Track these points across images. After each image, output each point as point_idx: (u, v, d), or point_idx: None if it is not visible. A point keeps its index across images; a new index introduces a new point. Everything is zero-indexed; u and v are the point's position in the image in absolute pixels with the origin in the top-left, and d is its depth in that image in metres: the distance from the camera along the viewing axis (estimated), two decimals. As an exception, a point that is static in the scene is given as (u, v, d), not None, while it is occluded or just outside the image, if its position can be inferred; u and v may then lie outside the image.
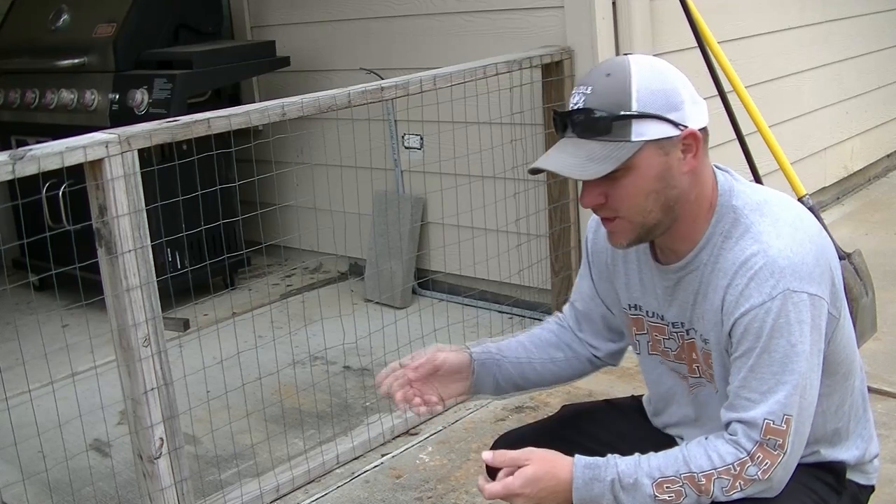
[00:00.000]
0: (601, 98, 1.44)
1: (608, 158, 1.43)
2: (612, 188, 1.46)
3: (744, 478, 1.45)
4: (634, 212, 1.48)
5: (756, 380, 1.45)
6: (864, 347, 3.18)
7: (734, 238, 1.49)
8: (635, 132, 1.43)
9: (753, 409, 1.45)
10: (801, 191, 3.31)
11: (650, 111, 1.44)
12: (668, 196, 1.48)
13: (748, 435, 1.45)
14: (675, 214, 1.50)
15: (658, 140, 1.44)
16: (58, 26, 4.18)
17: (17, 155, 1.98)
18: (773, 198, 1.54)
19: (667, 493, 1.46)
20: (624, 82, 1.45)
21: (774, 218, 1.50)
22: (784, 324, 1.43)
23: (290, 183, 4.16)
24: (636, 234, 1.51)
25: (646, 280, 1.62)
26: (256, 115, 2.45)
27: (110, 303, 2.21)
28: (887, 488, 2.44)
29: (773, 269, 1.44)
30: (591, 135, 1.44)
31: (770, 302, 1.43)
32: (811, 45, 4.39)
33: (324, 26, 4.14)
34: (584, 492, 1.48)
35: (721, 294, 1.49)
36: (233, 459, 2.81)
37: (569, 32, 3.31)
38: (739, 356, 1.47)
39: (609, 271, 1.70)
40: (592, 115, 1.43)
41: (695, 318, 1.55)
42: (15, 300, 4.21)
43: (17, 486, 2.66)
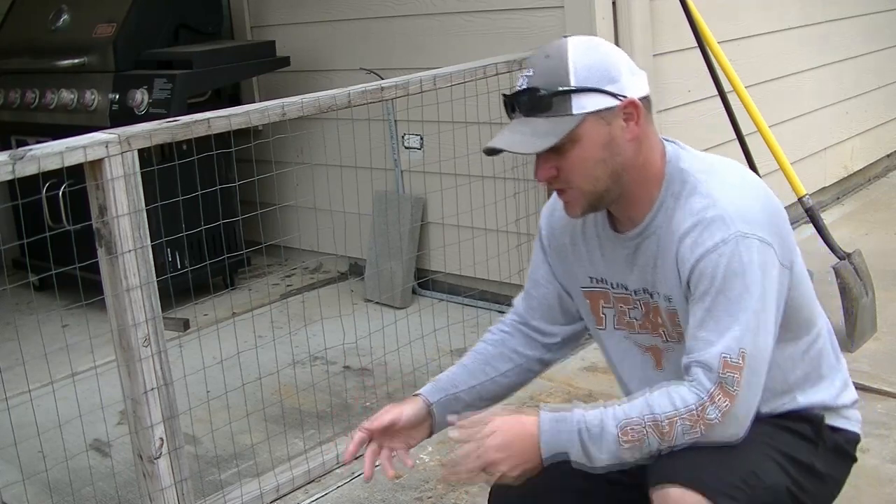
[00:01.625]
0: (542, 77, 1.54)
1: (552, 132, 1.52)
2: (562, 161, 1.55)
3: (705, 421, 1.49)
4: (584, 181, 1.57)
5: (712, 320, 1.51)
6: (864, 347, 3.19)
7: (684, 197, 1.57)
8: (576, 105, 1.52)
9: (710, 348, 1.50)
10: (801, 191, 3.31)
11: (588, 84, 1.53)
12: (615, 164, 1.56)
13: (707, 375, 1.50)
14: (624, 181, 1.58)
15: (599, 111, 1.53)
16: (58, 26, 4.18)
17: (17, 155, 1.98)
18: (718, 160, 1.64)
19: (631, 437, 1.51)
20: (562, 60, 1.54)
21: (721, 177, 1.59)
22: (738, 265, 1.50)
23: (290, 183, 4.16)
24: (588, 202, 1.59)
25: (607, 252, 1.69)
26: (256, 115, 2.45)
27: (110, 303, 2.21)
28: (887, 488, 2.44)
29: (723, 217, 1.51)
30: (535, 112, 1.54)
31: (723, 245, 1.50)
32: (811, 45, 4.39)
33: (324, 26, 4.14)
34: (553, 442, 1.53)
35: (676, 248, 1.55)
36: (233, 459, 2.81)
37: (569, 32, 3.30)
38: (696, 300, 1.53)
39: (569, 251, 1.75)
40: (535, 94, 1.53)
41: (657, 280, 1.61)
42: (15, 300, 4.21)
43: (17, 486, 2.66)
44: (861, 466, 2.51)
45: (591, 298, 1.74)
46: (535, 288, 1.83)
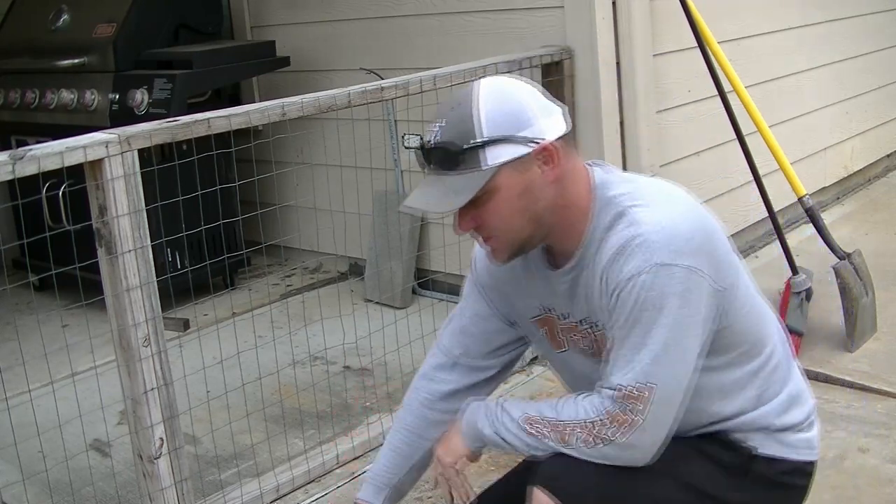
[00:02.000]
0: (451, 131, 1.51)
1: (465, 188, 1.50)
2: (480, 212, 1.53)
3: (601, 437, 1.51)
4: (505, 230, 1.55)
5: (624, 348, 1.51)
6: (864, 347, 3.19)
7: (613, 226, 1.54)
8: (489, 158, 1.49)
9: (616, 374, 1.51)
10: (801, 191, 3.31)
11: (499, 135, 1.49)
12: (536, 210, 1.54)
13: (609, 397, 1.51)
14: (548, 223, 1.56)
15: (513, 161, 1.50)
16: (58, 26, 4.17)
17: (17, 155, 1.98)
18: (648, 184, 1.61)
19: (535, 430, 1.56)
20: (470, 111, 1.50)
21: (648, 199, 1.55)
22: (653, 296, 1.47)
23: (290, 183, 4.16)
24: (512, 250, 1.58)
25: (548, 286, 1.67)
26: (256, 115, 2.45)
27: (110, 303, 2.21)
28: (887, 488, 2.44)
29: (645, 245, 1.48)
30: (448, 168, 1.51)
31: (640, 276, 1.48)
32: (812, 45, 4.39)
33: (324, 26, 4.14)
34: (470, 415, 1.64)
35: (601, 277, 1.54)
36: (233, 459, 2.81)
37: (569, 32, 3.31)
38: (612, 327, 1.53)
39: (513, 287, 1.73)
40: (444, 150, 1.51)
41: (598, 311, 1.59)
42: (15, 300, 4.21)
43: (17, 486, 2.66)
44: (861, 466, 2.53)
45: (546, 324, 1.72)
46: (474, 324, 1.81)
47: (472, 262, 1.82)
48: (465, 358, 1.82)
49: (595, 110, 3.29)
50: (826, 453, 2.61)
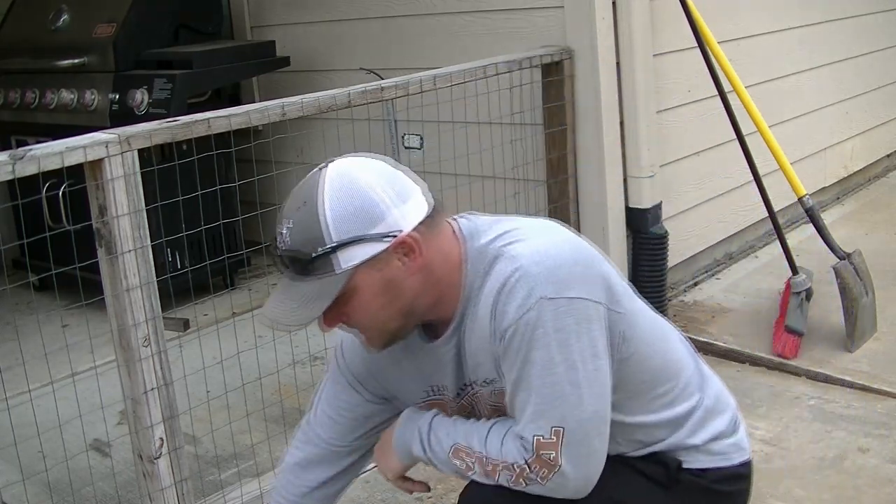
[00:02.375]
0: (299, 236, 1.41)
1: (321, 295, 1.41)
2: (344, 311, 1.45)
3: (525, 479, 1.46)
4: (373, 325, 1.48)
5: (523, 391, 1.43)
6: (864, 347, 3.19)
7: (490, 273, 1.46)
8: (342, 261, 1.40)
9: (522, 422, 1.44)
10: (801, 191, 3.31)
11: (349, 237, 1.40)
12: (402, 303, 1.46)
13: (525, 447, 1.44)
14: (422, 306, 1.48)
15: (368, 260, 1.41)
16: (58, 26, 4.17)
17: (17, 155, 1.98)
18: (517, 220, 1.53)
19: (460, 460, 1.51)
20: (317, 213, 1.40)
21: (521, 235, 1.48)
22: (542, 335, 1.40)
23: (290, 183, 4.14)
24: (386, 340, 1.51)
25: (433, 359, 1.59)
26: (256, 115, 2.45)
27: (110, 303, 2.21)
28: (887, 488, 2.44)
29: (525, 278, 1.41)
30: (301, 275, 1.43)
31: (526, 315, 1.40)
32: (811, 45, 4.39)
33: (324, 26, 4.14)
34: (401, 431, 1.59)
35: (486, 323, 1.46)
36: (233, 459, 2.80)
37: (569, 32, 3.31)
38: (506, 370, 1.46)
39: (394, 371, 1.65)
40: (294, 258, 1.42)
41: (476, 368, 1.53)
42: (15, 300, 4.20)
43: (17, 486, 2.66)
44: (861, 466, 2.53)
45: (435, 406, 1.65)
46: (342, 413, 1.72)
47: (337, 349, 1.72)
48: (338, 444, 1.73)
49: (595, 110, 3.29)
50: (826, 453, 2.61)
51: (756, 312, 3.50)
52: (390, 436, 1.63)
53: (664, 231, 3.47)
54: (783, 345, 3.17)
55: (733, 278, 3.87)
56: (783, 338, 3.18)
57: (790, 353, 3.15)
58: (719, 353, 3.23)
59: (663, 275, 3.47)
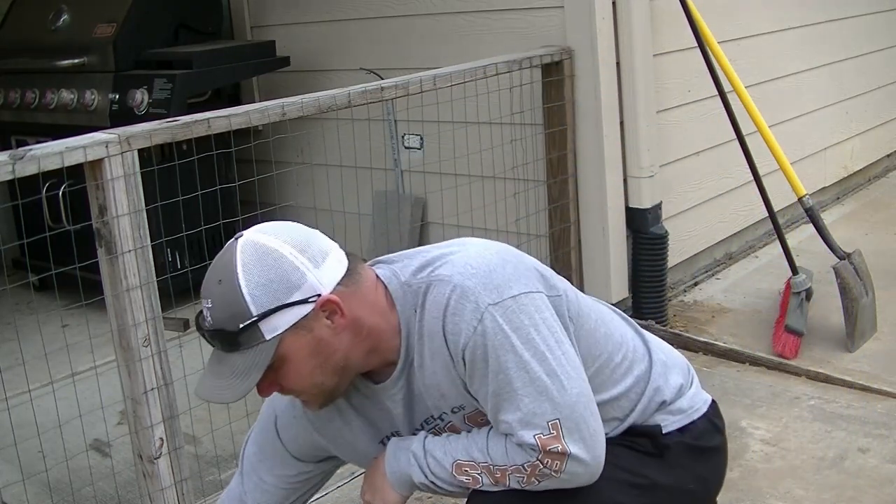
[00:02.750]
0: (221, 313, 1.41)
1: (252, 368, 1.41)
2: (278, 377, 1.46)
3: (537, 476, 1.47)
4: (309, 388, 1.48)
5: (505, 401, 1.44)
6: (864, 347, 3.19)
7: (424, 303, 1.47)
8: (267, 331, 1.40)
9: (518, 431, 1.44)
10: (801, 191, 3.31)
11: (272, 306, 1.40)
12: (334, 361, 1.47)
13: (532, 449, 1.45)
14: (357, 360, 1.49)
15: (292, 327, 1.41)
16: (58, 26, 4.17)
17: (17, 155, 1.98)
18: (425, 251, 1.54)
19: (465, 475, 1.50)
20: (235, 289, 1.40)
21: (440, 261, 1.49)
22: (502, 340, 1.41)
23: (290, 183, 4.16)
24: (322, 400, 1.52)
25: (383, 407, 1.58)
26: (256, 115, 2.45)
27: (110, 303, 2.21)
28: (887, 488, 2.44)
29: (466, 295, 1.43)
30: (230, 350, 1.42)
31: (479, 325, 1.41)
32: (811, 45, 4.39)
33: (324, 26, 4.13)
34: (394, 467, 1.54)
35: (441, 351, 1.46)
36: (233, 459, 2.80)
37: (569, 32, 3.31)
38: (479, 387, 1.46)
39: (345, 431, 1.65)
40: (220, 335, 1.42)
41: (436, 403, 1.53)
42: (15, 300, 4.20)
43: (17, 486, 2.66)
44: (861, 466, 2.53)
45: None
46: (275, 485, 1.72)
47: (270, 428, 1.73)
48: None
49: (595, 110, 3.29)
50: (826, 453, 2.61)
51: (756, 312, 3.50)
52: (380, 471, 1.59)
53: (664, 231, 3.47)
54: (783, 345, 3.17)
55: (733, 278, 3.87)
56: (783, 338, 3.18)
57: (790, 353, 3.15)
58: (719, 353, 3.22)
59: (663, 275, 3.47)
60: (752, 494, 2.43)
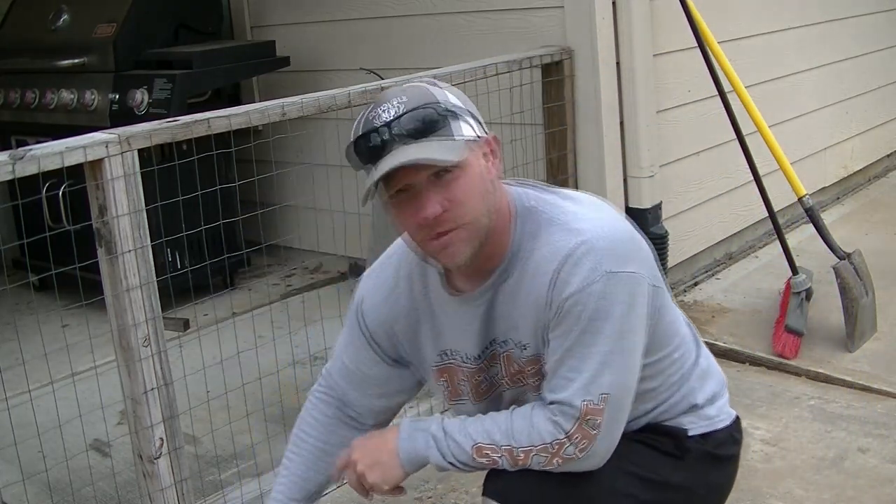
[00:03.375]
0: (419, 102, 1.45)
1: (452, 150, 1.43)
2: (449, 192, 1.45)
3: (561, 456, 1.49)
4: (474, 214, 1.47)
5: (574, 359, 1.48)
6: (864, 347, 3.19)
7: (542, 235, 1.51)
8: (457, 130, 1.45)
9: (570, 389, 1.47)
10: (801, 191, 3.31)
11: (462, 109, 1.48)
12: (492, 200, 1.50)
13: (568, 416, 1.48)
14: (492, 225, 1.51)
15: (473, 140, 1.47)
16: (58, 26, 4.17)
17: (17, 155, 1.98)
18: (565, 193, 1.58)
19: (485, 457, 1.51)
20: (431, 92, 1.48)
21: (574, 207, 1.53)
22: (605, 306, 1.46)
23: (290, 183, 4.16)
24: (475, 242, 1.49)
25: (453, 321, 1.61)
26: (256, 115, 2.45)
27: (110, 303, 2.21)
28: (887, 488, 2.44)
29: (592, 252, 1.46)
30: (427, 133, 1.44)
31: (591, 286, 1.46)
32: (811, 45, 4.39)
33: (324, 26, 4.14)
34: (410, 448, 1.54)
35: (541, 290, 1.49)
36: (233, 459, 2.80)
37: (569, 32, 3.31)
38: (558, 336, 1.49)
39: (414, 332, 1.67)
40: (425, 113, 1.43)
41: (508, 329, 1.55)
42: (15, 300, 4.20)
43: (17, 486, 2.66)
44: (861, 466, 2.53)
45: (445, 375, 1.68)
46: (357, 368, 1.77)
47: (357, 307, 1.75)
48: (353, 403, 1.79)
49: (595, 110, 3.29)
50: (826, 453, 2.61)
51: (756, 312, 3.50)
52: (388, 448, 1.59)
53: (664, 231, 3.47)
54: (783, 345, 3.17)
55: (733, 278, 3.87)
56: (783, 338, 3.18)
57: (790, 353, 3.15)
58: (719, 352, 3.22)
59: (663, 275, 3.47)
60: (752, 494, 2.43)
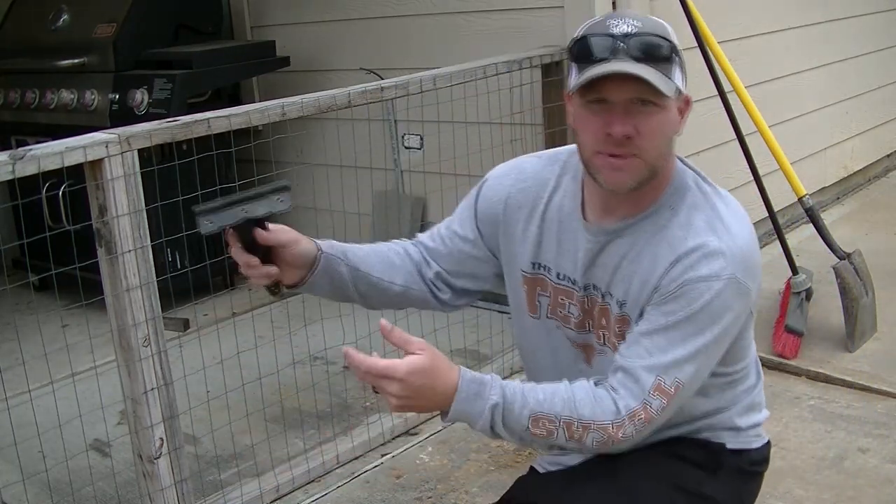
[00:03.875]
0: (654, 31, 1.46)
1: (668, 84, 1.44)
2: (643, 123, 1.44)
3: (617, 437, 1.48)
4: (654, 152, 1.47)
5: (665, 337, 1.48)
6: (864, 347, 3.19)
7: (684, 212, 1.52)
8: (674, 74, 1.46)
9: (649, 361, 1.47)
10: (801, 191, 3.31)
11: (681, 62, 1.49)
12: (670, 150, 1.51)
13: (634, 389, 1.47)
14: (661, 173, 1.51)
15: (679, 89, 1.48)
16: (58, 26, 4.18)
17: (17, 155, 1.98)
18: (720, 191, 1.58)
19: (541, 428, 1.47)
20: (666, 28, 1.49)
21: (724, 209, 1.54)
22: (717, 305, 1.47)
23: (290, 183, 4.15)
24: (643, 177, 1.49)
25: (565, 240, 1.61)
26: (256, 115, 2.45)
27: (110, 303, 2.21)
28: (887, 488, 2.44)
29: (726, 254, 1.47)
30: (650, 61, 1.43)
31: (715, 281, 1.46)
32: (811, 44, 4.39)
33: (324, 26, 4.14)
34: (465, 405, 1.45)
35: (664, 260, 1.49)
36: (233, 459, 2.81)
37: (569, 32, 3.28)
38: (659, 313, 1.49)
39: (519, 229, 1.66)
40: (660, 42, 1.44)
41: (615, 281, 1.55)
42: (15, 300, 4.20)
43: (17, 486, 2.66)
44: (861, 466, 2.53)
45: (529, 285, 1.67)
46: (451, 240, 1.74)
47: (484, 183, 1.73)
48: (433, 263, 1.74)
49: (595, 110, 3.28)
50: (826, 453, 2.61)
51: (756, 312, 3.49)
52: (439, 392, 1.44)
53: (664, 231, 3.47)
54: (783, 345, 3.17)
55: (733, 278, 3.86)
56: (783, 338, 3.18)
57: (790, 353, 3.15)
58: (719, 353, 3.22)
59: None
60: (752, 494, 2.43)
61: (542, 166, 1.68)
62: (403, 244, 1.78)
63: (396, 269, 1.73)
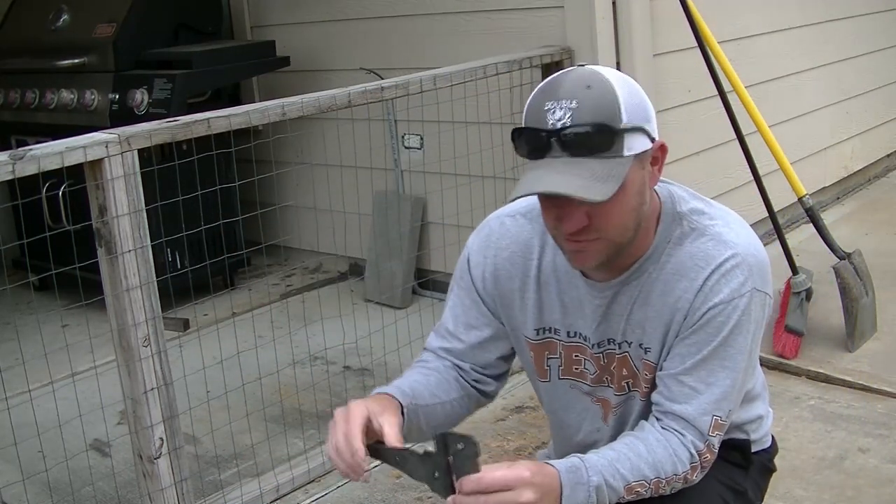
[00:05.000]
0: (593, 112, 1.32)
1: (610, 177, 1.32)
2: (597, 209, 1.34)
3: (692, 480, 1.48)
4: (616, 231, 1.39)
5: (705, 370, 1.46)
6: (864, 347, 3.19)
7: (688, 241, 1.47)
8: (626, 146, 1.34)
9: (698, 401, 1.46)
10: (801, 191, 3.31)
11: (636, 123, 1.36)
12: (642, 213, 1.42)
13: (696, 434, 1.46)
14: (639, 231, 1.44)
15: (641, 154, 1.37)
16: (58, 26, 4.17)
17: (17, 155, 1.98)
18: (714, 204, 1.55)
19: (633, 494, 1.47)
20: (610, 94, 1.34)
21: (724, 219, 1.50)
22: (745, 321, 1.45)
23: (290, 183, 4.16)
24: (609, 255, 1.42)
25: (568, 299, 1.55)
26: (256, 115, 2.45)
27: (110, 303, 2.21)
28: (887, 488, 2.44)
29: (742, 267, 1.45)
30: (589, 152, 1.32)
31: (738, 299, 1.44)
32: (811, 45, 4.39)
33: (324, 26, 4.14)
34: (571, 497, 1.41)
35: (684, 293, 1.46)
36: (233, 459, 2.80)
37: (569, 32, 3.31)
38: (691, 345, 1.46)
39: (516, 298, 1.59)
40: (598, 130, 1.32)
41: (629, 329, 1.51)
42: (15, 300, 4.20)
43: (17, 486, 2.66)
44: (861, 466, 2.53)
45: (536, 351, 1.61)
46: (466, 335, 1.65)
47: (463, 264, 1.66)
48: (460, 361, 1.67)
49: (595, 110, 3.28)
50: (826, 453, 2.61)
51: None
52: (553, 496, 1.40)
53: (664, 231, 3.47)
54: (783, 345, 3.17)
55: (733, 278, 3.86)
56: (783, 338, 3.18)
57: (790, 353, 3.15)
58: (719, 353, 3.22)
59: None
60: (752, 494, 2.43)
61: (519, 227, 1.61)
62: (429, 364, 1.69)
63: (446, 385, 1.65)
